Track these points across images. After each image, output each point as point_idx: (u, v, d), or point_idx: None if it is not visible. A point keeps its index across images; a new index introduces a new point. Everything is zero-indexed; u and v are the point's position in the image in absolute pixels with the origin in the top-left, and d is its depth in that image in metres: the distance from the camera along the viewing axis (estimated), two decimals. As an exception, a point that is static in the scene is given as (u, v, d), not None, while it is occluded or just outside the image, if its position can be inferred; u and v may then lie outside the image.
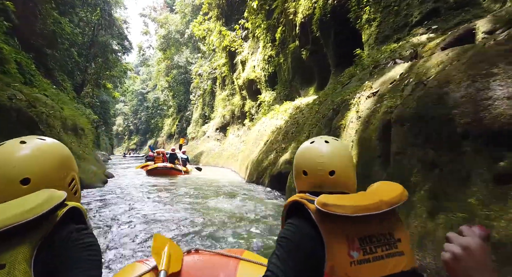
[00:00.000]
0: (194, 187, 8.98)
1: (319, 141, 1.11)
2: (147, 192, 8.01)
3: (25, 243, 0.70)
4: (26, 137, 0.87)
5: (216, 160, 18.13)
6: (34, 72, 15.52)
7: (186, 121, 34.62)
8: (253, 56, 17.18)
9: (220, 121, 21.90)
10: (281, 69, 13.47)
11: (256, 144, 11.06)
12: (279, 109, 11.39)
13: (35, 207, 0.71)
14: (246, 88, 17.41)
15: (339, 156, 1.08)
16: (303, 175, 1.09)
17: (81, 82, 29.80)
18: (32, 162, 0.81)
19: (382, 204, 0.92)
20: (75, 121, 13.17)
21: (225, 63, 23.13)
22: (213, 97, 26.91)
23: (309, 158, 1.08)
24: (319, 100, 7.18)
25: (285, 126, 9.04)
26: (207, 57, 27.25)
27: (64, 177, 0.90)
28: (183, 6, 29.41)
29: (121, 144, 73.83)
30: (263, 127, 11.29)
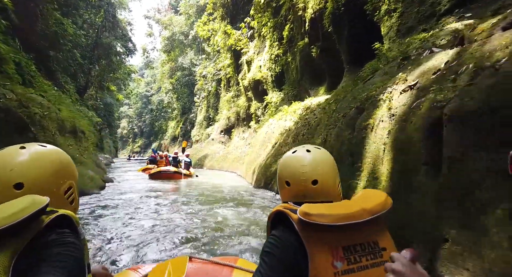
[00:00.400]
0: (197, 193, 8.37)
1: (301, 150, 1.10)
2: (146, 199, 7.41)
3: (4, 250, 0.66)
4: (28, 144, 0.86)
5: (220, 163, 17.51)
6: (34, 73, 15.07)
7: (190, 124, 34.11)
8: (259, 56, 16.60)
9: (225, 123, 21.31)
10: (289, 69, 12.85)
11: (264, 147, 10.42)
12: (287, 110, 10.75)
13: (15, 213, 0.68)
14: (252, 89, 16.81)
15: (321, 164, 1.06)
16: (286, 186, 1.07)
17: (84, 84, 29.46)
18: (27, 167, 0.80)
19: (364, 213, 0.91)
20: (74, 123, 12.65)
21: (230, 64, 22.59)
22: (218, 99, 26.36)
23: (291, 168, 1.06)
24: (335, 99, 6.52)
25: (295, 128, 8.40)
26: (212, 58, 26.75)
27: (59, 185, 0.88)
28: (187, 7, 29.00)
29: (125, 146, 73.68)
30: (270, 129, 10.65)
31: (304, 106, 9.62)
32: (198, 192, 8.59)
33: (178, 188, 10.39)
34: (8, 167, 0.79)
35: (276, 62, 14.50)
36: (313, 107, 8.81)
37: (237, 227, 4.44)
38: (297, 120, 9.07)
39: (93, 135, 21.56)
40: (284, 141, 8.54)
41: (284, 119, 10.21)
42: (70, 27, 20.85)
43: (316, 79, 11.27)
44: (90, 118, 24.04)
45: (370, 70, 5.39)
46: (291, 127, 8.99)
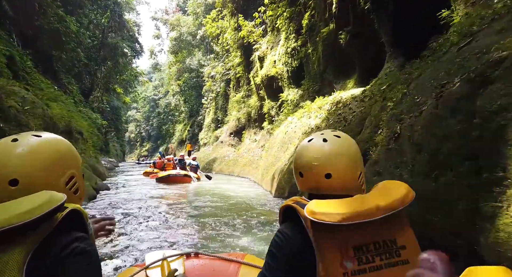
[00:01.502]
0: (207, 204, 6.83)
1: (317, 139, 0.97)
2: (142, 212, 5.90)
3: (19, 248, 0.64)
4: (20, 134, 0.80)
5: (231, 167, 15.94)
6: (30, 69, 13.76)
7: (198, 127, 32.69)
8: (273, 51, 15.06)
9: (235, 125, 19.77)
10: (309, 62, 11.27)
11: (283, 149, 8.82)
12: (310, 106, 9.15)
13: (32, 209, 0.66)
14: (265, 87, 15.25)
15: (338, 156, 0.93)
16: (300, 176, 0.98)
17: (89, 86, 28.28)
18: (21, 162, 0.74)
19: (378, 210, 0.81)
20: (70, 123, 11.20)
21: (240, 63, 21.10)
22: (227, 100, 24.87)
23: (305, 158, 0.96)
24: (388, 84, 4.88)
25: (326, 126, 6.79)
26: (221, 57, 25.33)
27: (59, 176, 0.80)
28: (195, 6, 27.72)
29: (133, 150, 72.75)
30: (290, 129, 9.05)
31: (332, 101, 8.01)
32: (209, 203, 7.06)
33: (185, 195, 8.93)
34: (0, 163, 0.73)
35: (293, 56, 12.93)
36: (345, 101, 7.19)
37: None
38: (326, 117, 7.46)
39: (96, 137, 20.19)
40: (312, 141, 6.92)
41: (307, 117, 8.61)
42: (73, 24, 19.59)
43: (342, 71, 9.66)
44: (94, 120, 22.74)
45: (444, 44, 3.76)
46: (320, 125, 7.39)
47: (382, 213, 0.81)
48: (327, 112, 7.74)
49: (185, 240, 4.09)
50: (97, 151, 22.19)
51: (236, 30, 19.45)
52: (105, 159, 24.96)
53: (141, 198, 8.31)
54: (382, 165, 3.47)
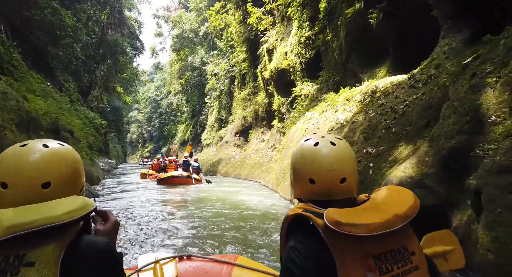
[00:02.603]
0: (215, 216, 5.53)
1: (325, 143, 0.91)
2: (136, 216, 5.35)
3: (55, 244, 0.70)
4: (47, 140, 0.84)
5: (237, 169, 14.50)
6: (18, 62, 12.37)
7: (201, 127, 31.28)
8: (283, 42, 13.63)
9: (240, 124, 18.33)
10: (328, 50, 9.84)
11: (304, 149, 7.37)
12: (335, 99, 7.71)
13: (72, 211, 0.72)
14: (274, 81, 13.82)
15: (350, 160, 0.91)
16: (310, 184, 0.90)
17: (88, 84, 26.92)
18: (54, 167, 0.79)
19: (398, 219, 0.81)
20: (57, 121, 9.77)
21: (246, 59, 19.70)
22: (231, 99, 23.45)
23: (317, 164, 0.88)
24: (474, 56, 3.41)
25: (366, 120, 5.35)
26: (224, 54, 23.93)
27: (79, 184, 0.87)
28: (198, 0, 26.32)
29: (135, 152, 71.49)
30: (312, 125, 7.62)
31: (365, 90, 6.56)
32: (217, 212, 5.78)
33: (186, 200, 7.62)
34: (35, 166, 0.76)
35: (307, 46, 11.50)
36: (385, 90, 5.75)
37: None
38: (361, 109, 6.01)
39: (93, 138, 18.78)
40: (345, 139, 5.45)
41: (333, 111, 7.16)
42: (69, 18, 18.20)
43: (370, 58, 8.23)
44: (92, 119, 21.35)
45: None
46: (351, 118, 5.95)
47: (401, 222, 0.81)
48: (360, 104, 6.29)
49: (181, 243, 3.99)
50: (95, 152, 20.80)
51: (241, 23, 18.06)
52: (104, 160, 23.55)
53: (133, 204, 6.98)
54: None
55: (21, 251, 0.67)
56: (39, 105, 8.66)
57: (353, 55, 8.79)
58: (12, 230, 0.66)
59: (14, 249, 0.67)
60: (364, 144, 4.96)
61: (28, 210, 0.70)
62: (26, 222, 0.67)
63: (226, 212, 6.08)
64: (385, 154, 4.23)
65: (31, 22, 15.24)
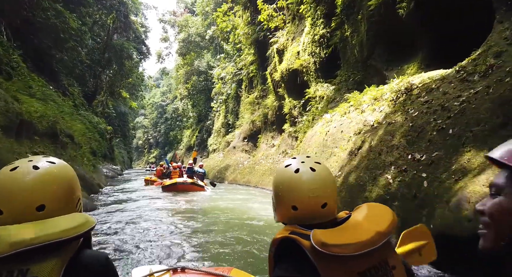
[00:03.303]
0: (217, 226, 5.38)
1: (305, 169, 0.92)
2: (134, 227, 5.23)
3: (57, 259, 0.72)
4: (37, 160, 0.83)
5: (246, 176, 13.64)
6: (17, 64, 11.78)
7: (207, 132, 30.57)
8: (295, 42, 12.86)
9: (249, 128, 17.52)
10: (347, 47, 9.02)
11: (325, 155, 6.54)
12: (359, 98, 6.85)
13: (74, 228, 0.75)
14: (285, 83, 13.02)
15: (329, 185, 0.92)
16: (292, 210, 0.91)
17: (93, 89, 26.42)
18: (46, 189, 0.80)
19: (380, 236, 0.83)
20: (55, 125, 9.06)
21: (253, 61, 19.00)
22: (238, 103, 22.71)
23: (299, 191, 0.90)
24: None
25: (407, 120, 4.49)
26: (231, 57, 23.26)
27: (73, 200, 0.87)
28: (204, 3, 25.79)
29: (141, 157, 71.04)
30: (334, 128, 6.75)
31: (396, 88, 5.70)
32: (219, 223, 5.42)
33: (188, 211, 6.91)
34: (27, 190, 0.77)
35: (321, 44, 10.71)
36: (426, 86, 4.89)
37: None
38: (394, 109, 5.15)
39: (96, 143, 18.10)
40: (381, 143, 4.61)
41: (358, 111, 6.31)
42: (73, 21, 17.68)
43: (396, 53, 7.38)
44: (96, 124, 20.73)
45: None
46: (384, 120, 5.08)
47: (383, 239, 0.83)
48: (393, 103, 5.43)
49: (177, 255, 3.86)
50: (99, 157, 20.14)
51: (249, 24, 17.38)
52: (109, 166, 22.89)
53: (131, 214, 6.24)
54: None
55: (24, 266, 0.70)
56: (34, 107, 7.95)
57: (376, 52, 7.95)
58: (16, 246, 0.68)
59: (17, 264, 0.70)
60: (408, 149, 4.09)
61: (31, 227, 0.72)
62: (29, 238, 0.69)
63: (229, 222, 5.81)
64: (443, 162, 3.35)
65: (33, 23, 14.73)
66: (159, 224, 5.68)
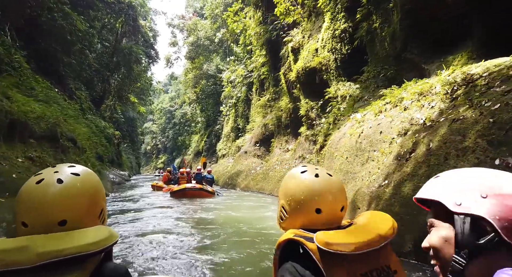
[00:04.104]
0: (225, 237, 5.04)
1: (324, 174, 0.97)
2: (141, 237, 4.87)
3: (81, 271, 0.72)
4: (61, 171, 0.82)
5: (260, 183, 12.68)
6: (19, 64, 11.12)
7: (216, 137, 29.76)
8: (311, 39, 11.98)
9: (261, 132, 16.60)
10: (375, 41, 8.08)
11: (360, 160, 5.56)
12: (397, 95, 5.88)
13: (98, 242, 0.74)
14: (301, 83, 12.11)
15: (344, 190, 0.99)
16: (316, 214, 0.93)
17: (101, 94, 25.91)
18: (69, 204, 0.79)
19: (380, 239, 0.86)
20: (55, 127, 8.27)
21: (265, 63, 18.18)
22: (248, 107, 21.87)
23: (324, 194, 0.94)
24: None
25: (482, 115, 3.51)
26: (241, 59, 22.49)
27: (96, 212, 0.86)
28: (213, 6, 25.19)
29: (149, 163, 70.64)
30: (369, 129, 5.78)
31: (450, 81, 4.72)
32: (228, 234, 5.08)
33: (196, 221, 6.06)
34: (50, 205, 0.77)
35: (343, 40, 9.79)
36: (499, 74, 3.90)
37: None
38: (451, 104, 4.17)
39: (102, 148, 17.37)
40: (445, 145, 3.63)
41: (400, 109, 5.33)
42: (80, 23, 17.13)
43: (438, 43, 6.39)
44: (103, 129, 20.07)
45: None
46: (439, 117, 4.10)
47: (384, 241, 0.86)
48: (447, 97, 4.45)
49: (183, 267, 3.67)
50: (106, 163, 19.41)
51: (261, 24, 16.59)
52: (116, 172, 22.15)
53: (142, 227, 5.38)
54: None
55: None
56: (30, 107, 7.17)
57: (411, 43, 6.98)
58: (43, 257, 0.69)
59: (43, 274, 0.70)
60: (492, 152, 3.10)
61: (57, 238, 0.73)
62: (56, 250, 0.70)
63: (244, 232, 5.47)
64: None
65: (40, 25, 14.18)
66: (169, 235, 5.28)
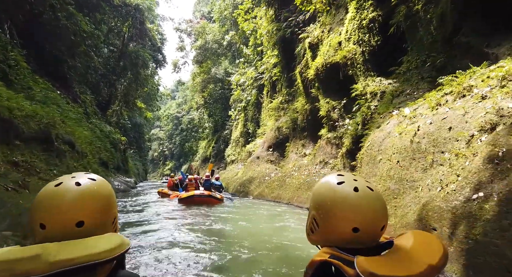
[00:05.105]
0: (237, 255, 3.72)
1: (364, 188, 0.83)
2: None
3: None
4: (79, 177, 0.84)
5: (275, 191, 11.43)
6: (16, 63, 10.17)
7: (224, 142, 28.64)
8: (332, 33, 10.85)
9: (274, 136, 15.41)
10: (417, 25, 6.89)
11: (419, 164, 4.33)
12: (461, 82, 4.65)
13: (110, 249, 0.74)
14: (321, 81, 10.95)
15: (385, 205, 0.84)
16: (353, 232, 0.81)
17: (108, 98, 25.07)
18: (87, 206, 0.80)
19: (432, 271, 0.72)
20: (48, 128, 7.19)
21: (277, 63, 17.10)
22: (259, 110, 20.74)
23: (364, 211, 0.80)
24: None
25: None
26: (251, 61, 21.46)
27: (110, 217, 0.87)
28: (222, 7, 24.34)
29: (156, 169, 69.77)
30: (425, 125, 4.54)
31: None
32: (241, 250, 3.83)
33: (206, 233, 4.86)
34: (69, 206, 0.78)
35: (372, 30, 8.63)
36: None
37: None
38: None
39: (107, 153, 16.32)
40: None
41: (476, 98, 4.10)
42: (85, 24, 16.29)
43: (504, 23, 5.18)
44: (108, 134, 19.10)
45: None
46: None
47: (436, 273, 0.73)
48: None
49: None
50: (112, 169, 18.37)
51: (273, 22, 15.57)
52: (121, 178, 21.07)
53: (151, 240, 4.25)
54: None
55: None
56: (18, 104, 6.10)
57: (466, 25, 5.78)
58: (56, 266, 0.68)
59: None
60: None
61: (70, 246, 0.72)
62: (69, 258, 0.69)
63: (257, 246, 4.79)
64: None
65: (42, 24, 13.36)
66: (182, 248, 4.74)
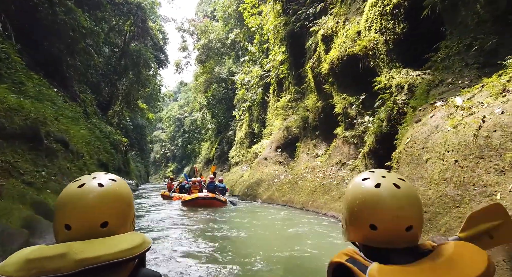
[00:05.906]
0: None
1: (388, 185, 0.77)
2: None
3: (119, 274, 0.76)
4: (100, 177, 0.85)
5: (287, 194, 10.48)
6: (7, 56, 9.31)
7: (228, 144, 27.72)
8: (348, 23, 9.94)
9: (282, 136, 14.47)
10: (458, 5, 5.95)
11: (493, 164, 3.35)
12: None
13: (133, 248, 0.76)
14: (336, 76, 10.04)
15: (415, 204, 0.77)
16: (370, 230, 0.77)
17: (109, 98, 24.23)
18: (110, 206, 0.81)
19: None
20: (36, 124, 6.27)
21: (285, 60, 16.21)
22: (265, 110, 19.84)
23: (380, 209, 0.75)
24: None
25: None
26: (256, 59, 20.57)
27: (130, 217, 0.89)
28: (225, 5, 23.51)
29: (158, 171, 68.90)
30: (498, 116, 3.59)
31: None
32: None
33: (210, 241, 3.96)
34: (95, 207, 0.79)
35: (396, 16, 7.72)
36: None
37: None
38: None
39: (106, 155, 15.41)
40: None
41: None
42: (84, 20, 15.45)
43: None
44: (108, 134, 18.21)
45: None
46: None
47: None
48: None
49: None
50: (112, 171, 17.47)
51: (281, 16, 14.69)
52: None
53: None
54: None
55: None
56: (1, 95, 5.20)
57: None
58: (81, 264, 0.70)
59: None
60: None
61: (94, 245, 0.74)
62: (94, 256, 0.71)
63: (274, 256, 4.27)
64: None
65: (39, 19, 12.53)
66: (190, 259, 4.32)
